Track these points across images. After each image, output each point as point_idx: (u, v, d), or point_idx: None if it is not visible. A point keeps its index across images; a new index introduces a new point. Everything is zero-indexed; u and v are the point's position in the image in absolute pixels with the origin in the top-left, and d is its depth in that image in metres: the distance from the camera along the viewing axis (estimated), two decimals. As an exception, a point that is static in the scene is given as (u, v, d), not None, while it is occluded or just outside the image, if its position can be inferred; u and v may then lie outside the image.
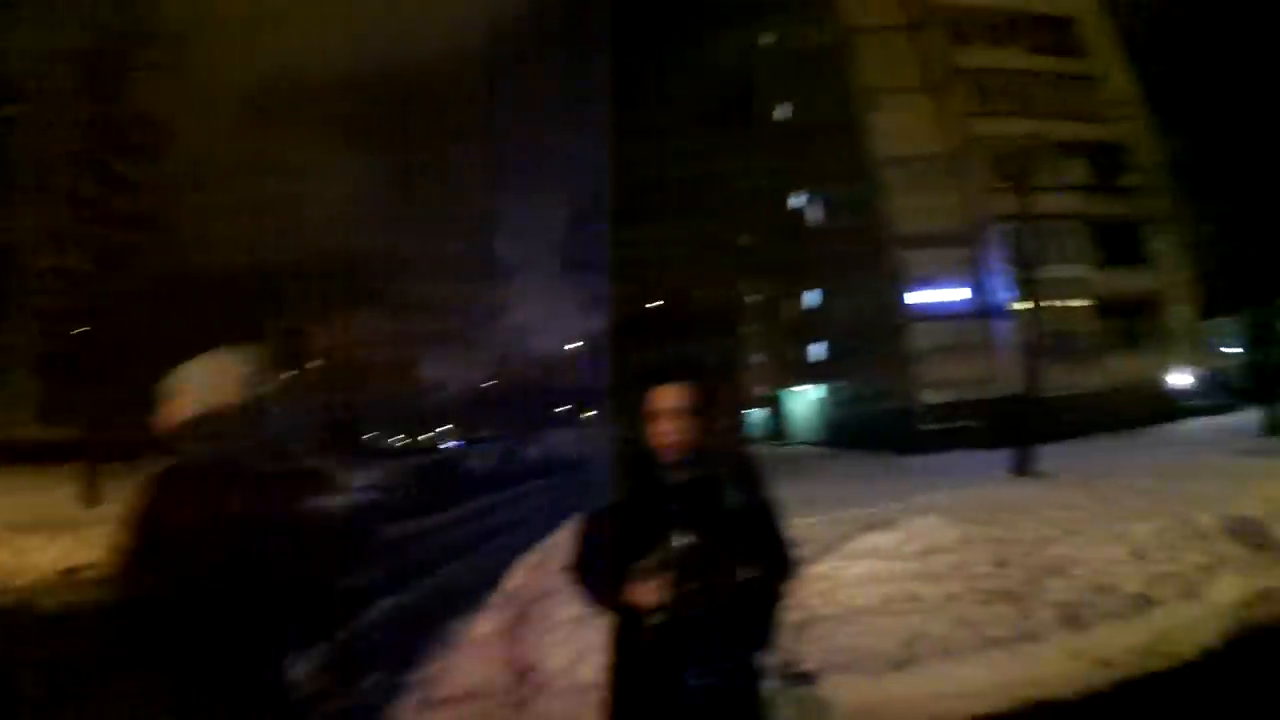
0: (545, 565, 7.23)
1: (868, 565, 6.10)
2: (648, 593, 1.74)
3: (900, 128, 23.03)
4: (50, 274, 20.33)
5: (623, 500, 1.87)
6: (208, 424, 1.90)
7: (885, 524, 7.50)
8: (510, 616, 5.88)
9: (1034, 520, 7.45)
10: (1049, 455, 12.93)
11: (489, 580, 7.26)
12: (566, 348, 49.21)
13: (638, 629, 1.77)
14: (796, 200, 31.30)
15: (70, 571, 10.32)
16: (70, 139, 20.27)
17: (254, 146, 20.87)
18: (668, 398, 1.86)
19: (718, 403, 1.88)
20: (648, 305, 18.22)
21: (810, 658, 4.40)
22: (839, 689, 3.93)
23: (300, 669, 5.63)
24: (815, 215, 30.04)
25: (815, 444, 30.56)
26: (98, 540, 11.41)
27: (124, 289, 18.55)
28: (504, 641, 5.24)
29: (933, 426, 21.43)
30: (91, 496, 16.30)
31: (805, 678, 4.03)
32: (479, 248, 34.42)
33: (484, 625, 5.87)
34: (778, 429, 37.95)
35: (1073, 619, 4.66)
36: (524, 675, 4.61)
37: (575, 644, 4.63)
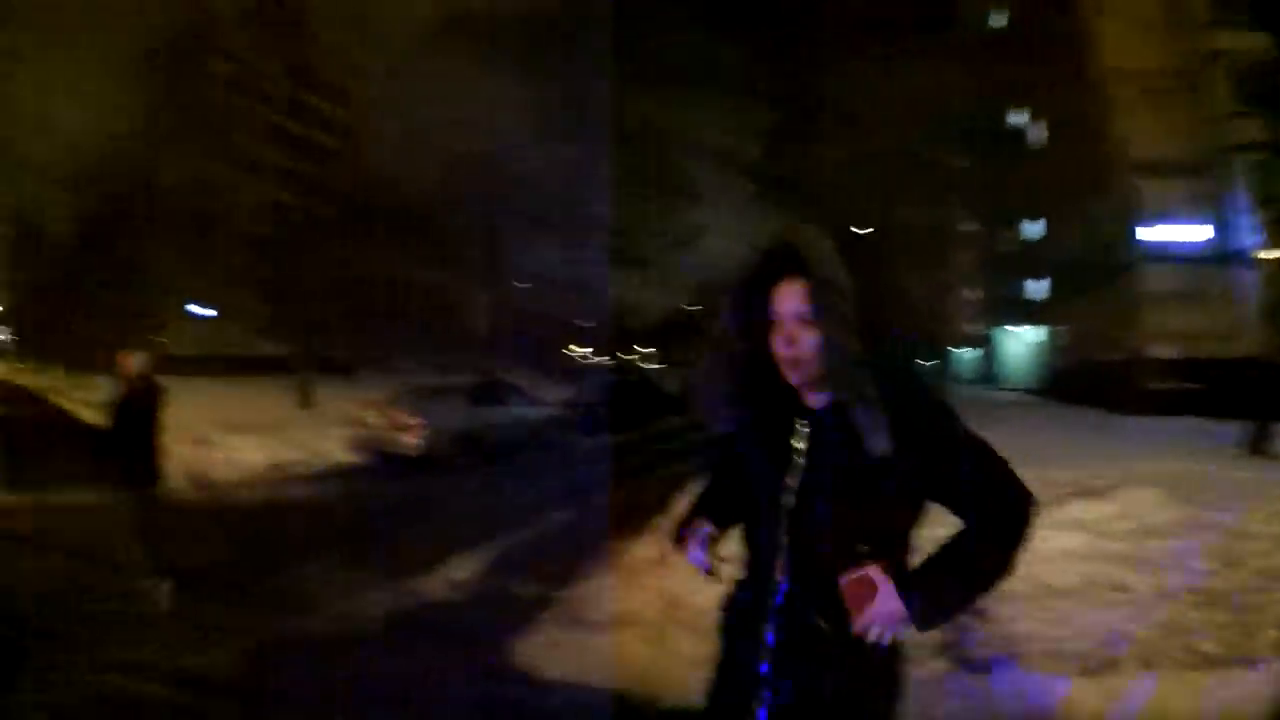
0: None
1: (1072, 539, 5.36)
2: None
3: (1131, 37, 19.87)
4: (260, 206, 22.71)
5: (745, 438, 1.53)
6: None
7: (1098, 493, 6.71)
8: (670, 545, 5.77)
9: (1272, 514, 6.30)
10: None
11: (661, 504, 7.05)
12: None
13: (764, 588, 1.48)
14: (1016, 119, 28.32)
15: (275, 468, 11.02)
16: (272, 83, 22.07)
17: (429, 75, 21.73)
18: (790, 298, 1.44)
19: (855, 305, 1.41)
20: (849, 230, 16.92)
21: (986, 641, 3.91)
22: (1014, 685, 3.44)
23: (464, 568, 5.84)
24: (1037, 136, 27.00)
25: (1026, 391, 28.31)
26: (304, 441, 12.49)
27: (325, 219, 20.18)
28: (659, 571, 5.12)
29: (1159, 385, 18.93)
30: (304, 401, 18.13)
31: (976, 664, 3.58)
32: (663, 171, 33.89)
33: (643, 551, 5.82)
34: (988, 372, 35.69)
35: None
36: (671, 608, 4.48)
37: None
